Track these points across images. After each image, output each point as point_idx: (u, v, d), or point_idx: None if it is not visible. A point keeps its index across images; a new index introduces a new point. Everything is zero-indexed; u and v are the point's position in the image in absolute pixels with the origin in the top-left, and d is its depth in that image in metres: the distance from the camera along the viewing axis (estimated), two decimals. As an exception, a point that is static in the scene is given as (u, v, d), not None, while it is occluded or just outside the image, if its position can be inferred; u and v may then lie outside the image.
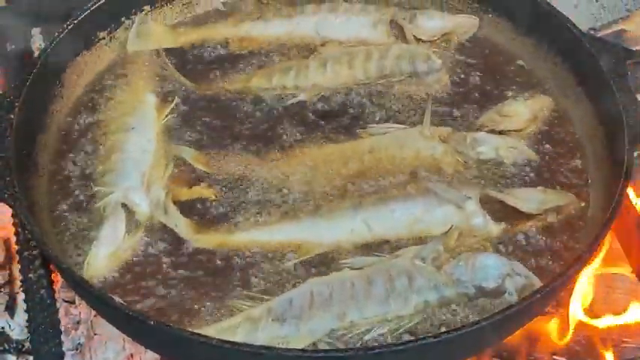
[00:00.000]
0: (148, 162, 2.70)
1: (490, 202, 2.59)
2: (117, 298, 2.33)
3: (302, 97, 2.90)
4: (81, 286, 2.32)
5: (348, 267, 2.47)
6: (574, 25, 2.86)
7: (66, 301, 2.81)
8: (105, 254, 2.51)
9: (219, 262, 2.52)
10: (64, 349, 2.58)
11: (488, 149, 2.72)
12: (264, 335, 2.33)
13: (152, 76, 2.97)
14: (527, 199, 2.58)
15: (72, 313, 2.80)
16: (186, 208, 2.62)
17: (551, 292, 2.33)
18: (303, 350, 2.25)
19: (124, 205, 2.59)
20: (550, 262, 2.49)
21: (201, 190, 2.67)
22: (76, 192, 2.66)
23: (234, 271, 2.50)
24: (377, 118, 2.83)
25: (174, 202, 2.61)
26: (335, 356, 2.17)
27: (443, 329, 2.33)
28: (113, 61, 3.01)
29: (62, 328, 2.62)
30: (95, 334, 2.75)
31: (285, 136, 2.80)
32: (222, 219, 2.60)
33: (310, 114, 2.86)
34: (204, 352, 2.21)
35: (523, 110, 2.82)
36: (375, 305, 2.36)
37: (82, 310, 2.80)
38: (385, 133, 2.78)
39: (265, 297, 2.41)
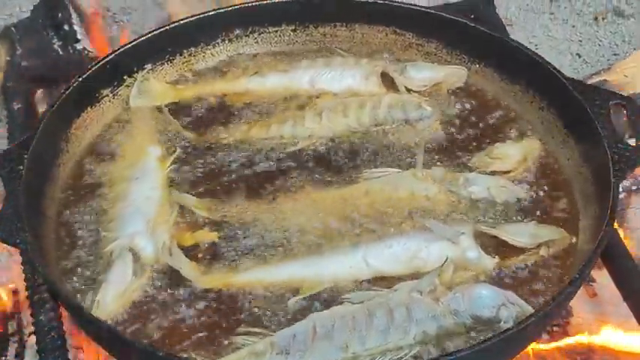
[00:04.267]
0: (152, 209, 2.79)
1: (483, 237, 2.69)
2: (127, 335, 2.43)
3: (299, 145, 3.01)
4: (90, 323, 2.41)
5: (348, 302, 2.56)
6: (558, 70, 2.98)
7: (74, 347, 2.89)
8: (113, 295, 2.60)
9: (223, 301, 2.61)
10: (71, 393, 2.67)
11: (480, 189, 2.82)
12: (269, 368, 2.42)
13: (154, 129, 3.08)
14: (520, 233, 2.68)
15: (79, 358, 2.88)
16: (191, 252, 2.72)
17: (544, 318, 2.41)
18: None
19: (130, 250, 2.69)
20: (542, 292, 2.58)
21: (204, 235, 2.76)
22: (83, 240, 2.75)
23: (238, 309, 2.58)
24: (372, 164, 2.94)
25: (180, 247, 2.71)
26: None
27: (441, 358, 2.41)
28: (116, 117, 3.13)
29: (71, 373, 2.73)
30: (103, 377, 2.83)
31: (284, 183, 2.90)
32: (225, 261, 2.70)
33: (308, 161, 2.97)
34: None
35: (513, 152, 2.94)
36: (376, 336, 2.44)
37: (90, 355, 2.88)
38: (380, 177, 2.89)
39: (269, 333, 2.50)
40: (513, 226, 2.72)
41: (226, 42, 3.32)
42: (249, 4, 3.34)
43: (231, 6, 3.32)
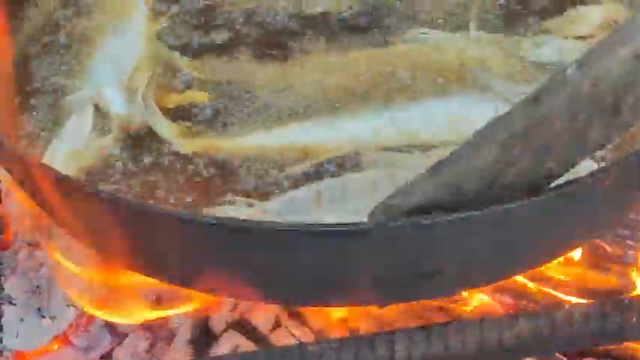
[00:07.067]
0: (130, 63, 2.21)
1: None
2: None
3: (324, 6, 2.40)
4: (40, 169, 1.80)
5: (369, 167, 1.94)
6: None
7: (30, 245, 2.30)
8: (65, 152, 2.01)
9: (205, 166, 2.00)
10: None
11: (550, 51, 2.19)
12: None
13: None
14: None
15: (36, 256, 2.28)
16: (174, 114, 2.12)
17: None
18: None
19: (95, 104, 2.10)
20: None
21: (193, 95, 2.17)
22: (39, 99, 2.18)
23: (224, 176, 1.97)
24: (409, 26, 2.32)
25: (160, 109, 2.11)
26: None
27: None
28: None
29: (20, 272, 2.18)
30: (59, 273, 2.22)
31: (298, 44, 2.29)
32: (214, 124, 2.10)
33: (333, 24, 2.35)
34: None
35: (593, 15, 2.30)
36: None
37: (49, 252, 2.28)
38: (419, 38, 2.27)
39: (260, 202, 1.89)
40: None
41: None
42: None
43: None
